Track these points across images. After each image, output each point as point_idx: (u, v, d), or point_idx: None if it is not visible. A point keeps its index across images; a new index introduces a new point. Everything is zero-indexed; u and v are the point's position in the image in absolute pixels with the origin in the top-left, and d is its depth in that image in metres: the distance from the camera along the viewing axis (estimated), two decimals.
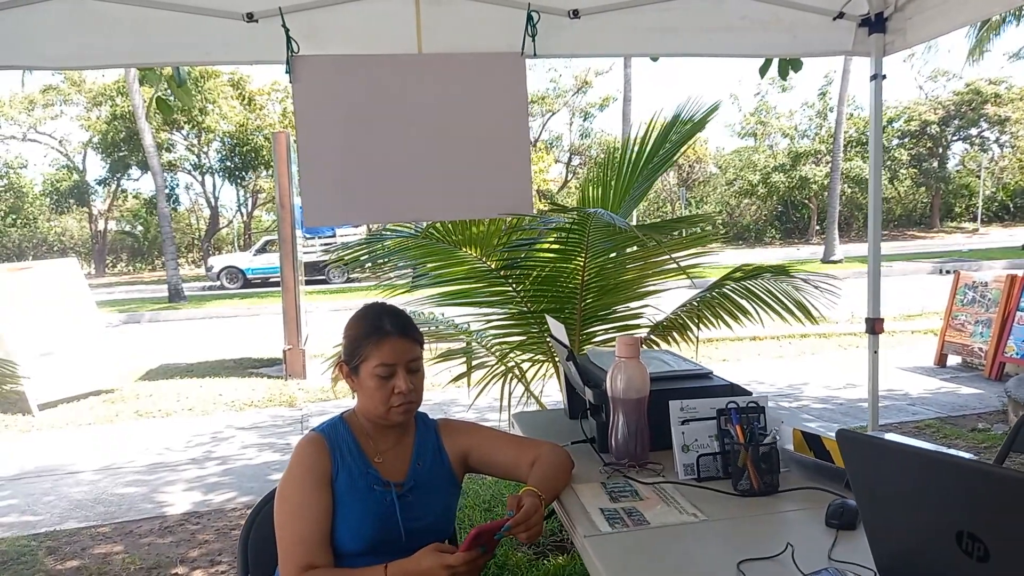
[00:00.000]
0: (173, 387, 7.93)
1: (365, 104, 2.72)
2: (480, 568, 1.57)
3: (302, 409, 6.89)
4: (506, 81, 2.81)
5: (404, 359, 1.67)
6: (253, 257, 23.75)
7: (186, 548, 3.77)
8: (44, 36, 2.60)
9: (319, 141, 2.71)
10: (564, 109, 32.83)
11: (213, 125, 28.02)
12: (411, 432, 1.80)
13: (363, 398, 1.70)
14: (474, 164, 2.76)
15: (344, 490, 1.65)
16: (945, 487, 1.08)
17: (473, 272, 3.36)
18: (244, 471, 5.07)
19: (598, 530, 1.52)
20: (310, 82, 2.69)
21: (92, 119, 29.28)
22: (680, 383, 2.07)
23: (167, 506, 4.45)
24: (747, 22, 2.91)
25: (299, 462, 1.67)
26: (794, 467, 1.84)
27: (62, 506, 4.53)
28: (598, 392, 2.03)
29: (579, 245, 2.97)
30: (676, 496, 1.69)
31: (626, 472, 1.85)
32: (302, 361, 8.18)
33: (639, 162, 3.28)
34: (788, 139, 34.19)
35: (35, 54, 2.66)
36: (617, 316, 3.38)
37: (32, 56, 2.67)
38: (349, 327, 1.74)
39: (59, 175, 32.69)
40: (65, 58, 2.72)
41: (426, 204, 2.77)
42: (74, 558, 3.70)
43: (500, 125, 2.80)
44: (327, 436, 1.71)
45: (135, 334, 12.88)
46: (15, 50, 2.62)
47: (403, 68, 2.75)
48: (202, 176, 31.55)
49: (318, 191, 2.71)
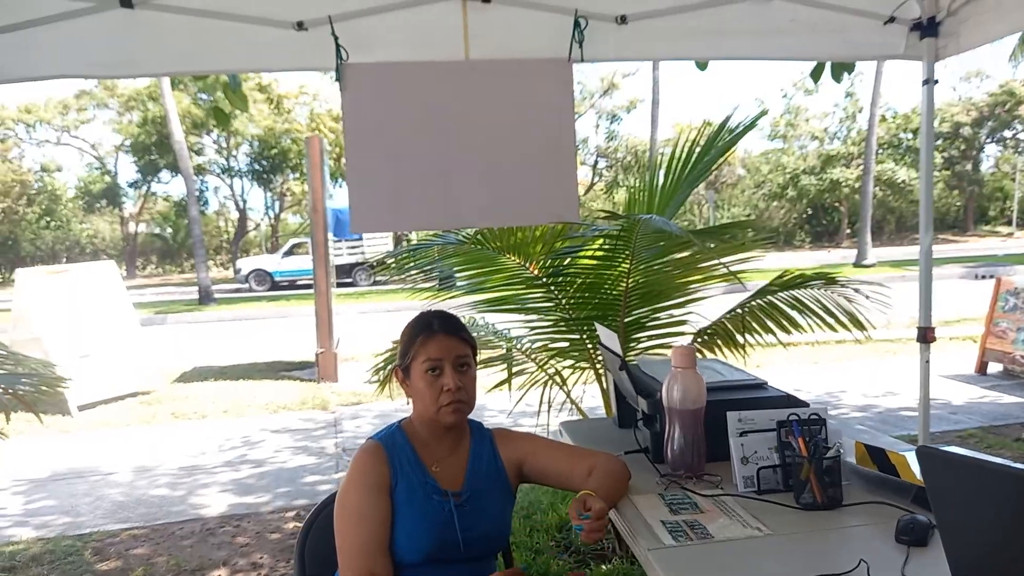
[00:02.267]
0: (208, 389, 8.02)
1: (412, 111, 2.73)
2: None
3: (335, 412, 6.93)
4: (553, 87, 2.81)
5: (451, 355, 1.68)
6: (281, 260, 23.99)
7: (227, 551, 3.81)
8: (96, 45, 2.64)
9: (367, 147, 2.72)
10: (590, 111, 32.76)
11: (241, 129, 28.35)
12: (466, 440, 1.80)
13: (416, 401, 1.72)
14: (520, 171, 2.76)
15: (403, 499, 1.66)
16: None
17: (514, 278, 3.36)
18: (279, 474, 5.11)
19: (662, 543, 1.50)
20: (358, 89, 2.70)
21: (124, 123, 29.79)
22: (736, 393, 2.05)
23: (205, 508, 4.49)
24: (796, 25, 2.88)
25: (358, 470, 1.68)
26: (855, 480, 1.81)
27: (103, 507, 4.59)
28: (652, 402, 2.02)
29: (624, 251, 2.95)
30: (737, 509, 1.66)
31: (683, 484, 1.83)
32: (334, 364, 8.23)
33: (685, 167, 3.25)
34: (818, 141, 33.81)
35: (88, 63, 2.69)
36: (661, 323, 3.36)
37: (85, 65, 2.71)
38: (402, 332, 1.77)
39: (92, 178, 33.31)
40: (116, 66, 2.76)
41: (472, 211, 2.77)
42: (119, 559, 3.75)
43: (546, 131, 2.79)
44: (385, 445, 1.72)
45: (167, 336, 13.05)
46: (68, 59, 2.66)
47: (450, 75, 2.76)
48: (231, 179, 31.97)
49: (366, 197, 2.73)
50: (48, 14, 2.48)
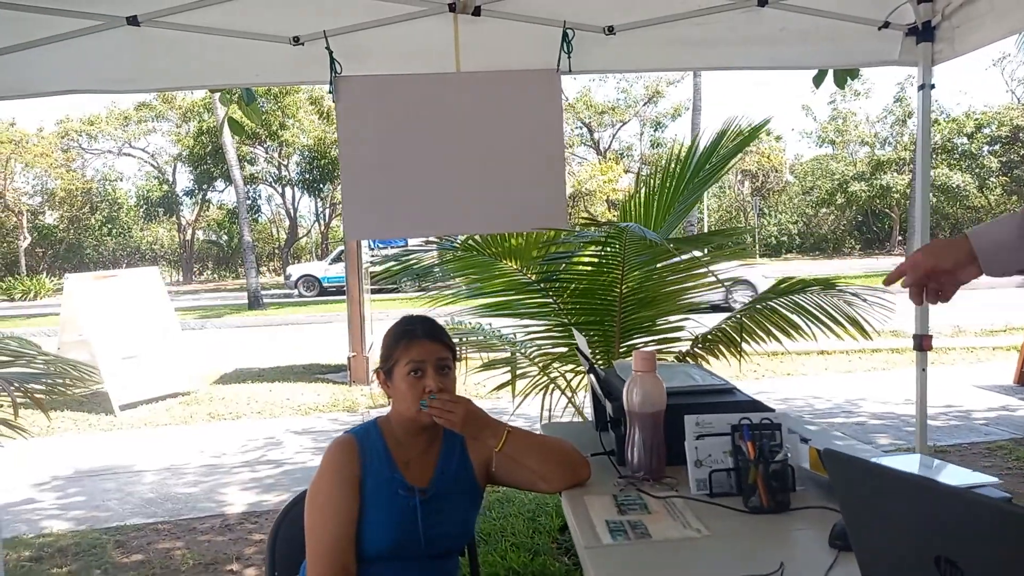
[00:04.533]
0: (244, 391, 8.27)
1: (405, 121, 2.82)
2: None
3: (362, 415, 7.08)
4: (542, 97, 2.86)
5: (432, 358, 1.75)
6: (328, 266, 24.48)
7: (242, 546, 3.95)
8: (104, 61, 2.80)
9: (361, 157, 2.82)
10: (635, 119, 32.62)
11: (292, 139, 29.06)
12: (439, 440, 1.86)
13: (396, 401, 1.79)
14: (510, 178, 2.82)
15: (370, 493, 1.73)
16: (925, 512, 1.06)
17: (513, 284, 3.42)
18: (301, 474, 5.25)
19: (599, 541, 1.53)
20: (352, 101, 2.80)
21: (181, 134, 30.84)
22: (699, 398, 2.06)
23: (227, 505, 4.65)
24: (787, 33, 2.87)
25: (330, 464, 1.76)
26: (811, 486, 1.81)
27: (132, 502, 4.79)
28: (617, 405, 2.04)
29: (616, 258, 2.99)
30: (685, 511, 1.68)
31: (640, 485, 1.86)
32: (366, 367, 8.39)
33: (686, 175, 3.27)
34: (868, 147, 32.95)
35: (98, 79, 2.87)
36: (658, 329, 3.37)
37: (95, 80, 2.88)
38: (384, 336, 1.85)
39: (151, 187, 34.54)
40: (124, 82, 2.92)
41: (463, 218, 2.84)
42: (139, 552, 3.92)
43: (536, 140, 2.85)
44: (359, 439, 1.79)
45: (214, 339, 13.46)
46: (78, 75, 2.83)
47: (442, 86, 2.84)
48: (282, 188, 32.77)
49: (359, 205, 2.82)
50: (60, 32, 2.64)
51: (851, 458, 1.19)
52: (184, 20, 2.71)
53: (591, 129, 32.44)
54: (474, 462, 1.88)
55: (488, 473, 1.89)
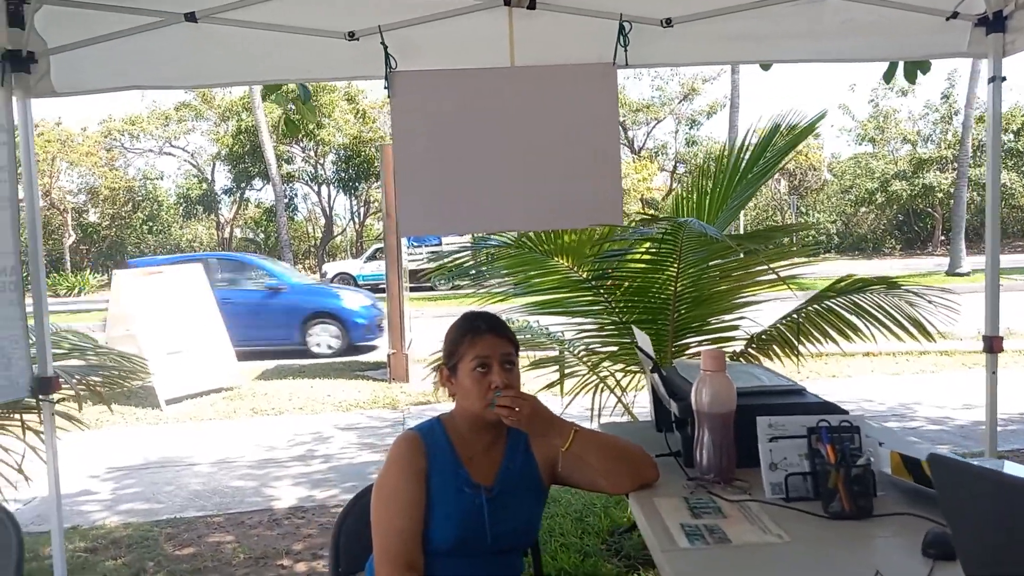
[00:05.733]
0: (286, 387, 8.35)
1: (459, 117, 2.79)
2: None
3: (403, 412, 7.10)
4: (597, 91, 2.82)
5: (497, 353, 1.73)
6: (363, 264, 24.69)
7: (291, 541, 3.97)
8: (163, 58, 2.83)
9: (415, 153, 2.80)
10: (670, 117, 32.30)
11: (328, 138, 29.34)
12: (503, 437, 1.84)
13: (461, 398, 1.77)
14: (565, 174, 2.78)
15: (436, 489, 1.72)
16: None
17: (565, 282, 3.38)
18: (347, 470, 5.28)
19: (676, 545, 1.49)
20: (407, 96, 2.79)
21: (220, 133, 31.32)
22: (769, 399, 2.00)
23: (275, 500, 4.69)
24: (849, 26, 2.78)
25: (397, 458, 1.74)
26: (891, 491, 1.74)
27: (182, 495, 4.86)
28: (683, 405, 2.00)
29: (671, 255, 2.93)
30: (762, 515, 1.63)
31: (710, 488, 1.81)
32: (405, 365, 8.42)
33: (738, 171, 3.20)
34: (910, 144, 32.20)
35: (156, 75, 2.91)
36: (712, 328, 3.31)
37: (153, 77, 2.92)
38: (447, 333, 1.83)
39: (190, 185, 35.15)
40: (182, 78, 2.95)
41: (517, 214, 2.81)
42: (190, 545, 3.97)
43: (591, 135, 2.81)
44: (423, 435, 1.78)
45: None
46: (137, 71, 2.87)
47: (496, 81, 2.81)
48: (318, 187, 33.12)
49: (414, 201, 2.81)
50: (119, 29, 2.67)
51: (964, 464, 1.13)
52: (241, 16, 2.72)
53: (625, 127, 32.20)
54: (539, 460, 1.85)
55: (553, 472, 1.86)
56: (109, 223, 32.72)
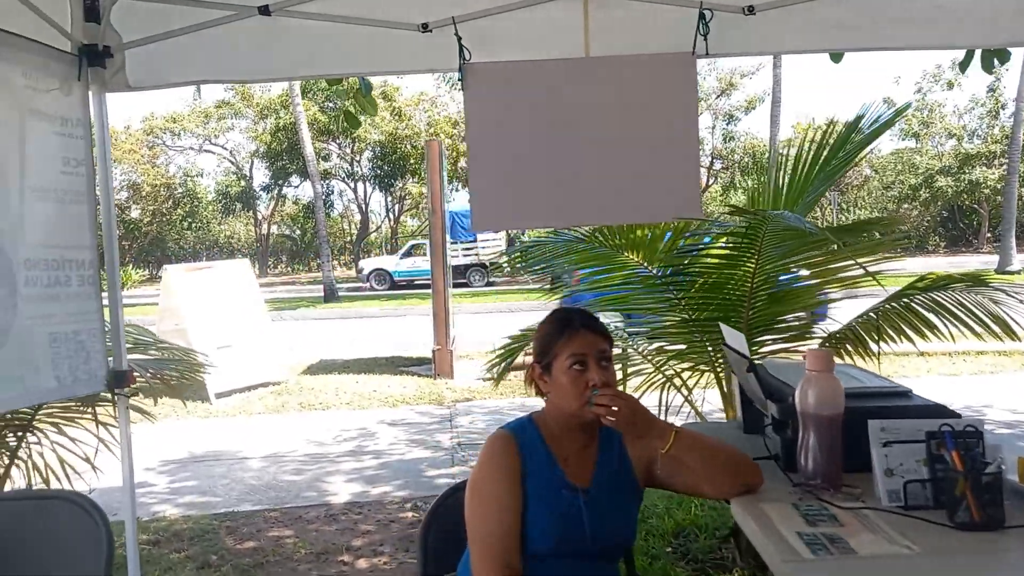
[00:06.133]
0: (332, 382, 8.39)
1: (534, 109, 2.73)
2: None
3: (450, 408, 7.08)
4: (676, 82, 2.73)
5: (594, 350, 1.68)
6: (399, 260, 24.84)
7: (350, 537, 3.96)
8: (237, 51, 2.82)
9: (489, 146, 2.75)
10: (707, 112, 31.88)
11: (364, 135, 29.53)
12: (596, 437, 1.78)
13: (556, 396, 1.71)
14: (642, 167, 2.70)
15: (533, 490, 1.67)
16: None
17: (633, 277, 3.30)
18: (398, 466, 5.27)
19: (799, 556, 1.42)
20: (480, 88, 2.73)
21: (259, 131, 31.70)
22: (877, 401, 1.91)
23: (330, 495, 4.69)
24: (941, 12, 2.66)
25: (491, 458, 1.70)
26: (1015, 500, 1.64)
27: (237, 489, 4.89)
28: (783, 407, 1.92)
29: (750, 250, 2.84)
30: (882, 524, 1.55)
31: (819, 494, 1.73)
32: (450, 361, 8.42)
33: (814, 165, 3.09)
34: (955, 139, 31.37)
35: (230, 68, 2.89)
36: (786, 326, 3.21)
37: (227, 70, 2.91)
38: (539, 329, 1.79)
39: (229, 182, 35.66)
40: (256, 71, 2.93)
41: (593, 208, 2.74)
42: (251, 539, 3.98)
43: (669, 127, 2.72)
44: (516, 435, 1.73)
45: (294, 330, 13.75)
46: (210, 65, 2.86)
47: (571, 72, 2.74)
48: (354, 183, 33.37)
49: (487, 195, 2.76)
50: (193, 23, 2.65)
51: None
52: (314, 9, 2.68)
53: None
54: (634, 461, 1.79)
55: (649, 473, 1.80)
56: (150, 219, 33.32)
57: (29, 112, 2.37)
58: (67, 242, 2.47)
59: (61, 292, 2.40)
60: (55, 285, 2.38)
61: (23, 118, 2.35)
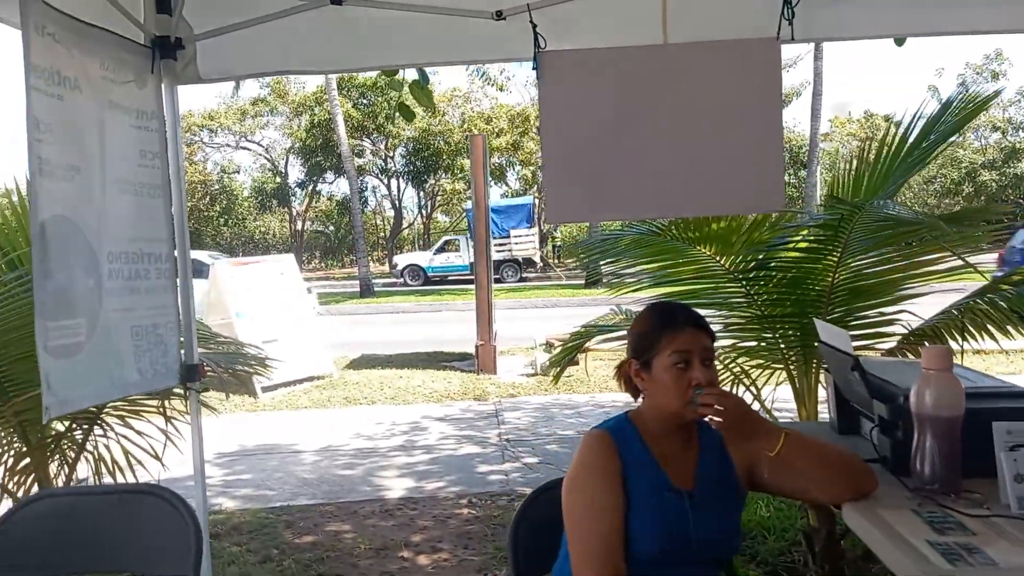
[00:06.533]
0: (376, 376, 8.41)
1: (610, 98, 2.65)
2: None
3: (495, 404, 7.03)
4: (758, 69, 2.63)
5: (698, 348, 1.61)
6: (433, 256, 24.92)
7: (407, 532, 3.93)
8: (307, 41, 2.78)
9: (564, 136, 2.67)
10: None
11: (398, 131, 29.64)
12: (695, 437, 1.71)
13: (656, 395, 1.64)
14: (724, 158, 2.61)
15: (635, 493, 1.60)
16: None
17: (704, 272, 3.21)
18: (449, 461, 5.24)
19: (937, 567, 1.33)
20: (556, 77, 2.66)
21: (294, 128, 31.97)
22: (999, 402, 1.82)
23: (384, 490, 4.68)
24: None
25: (589, 459, 1.63)
26: None
27: (291, 483, 4.89)
28: (894, 407, 1.83)
29: (834, 242, 2.73)
30: (1017, 533, 1.46)
31: (939, 500, 1.64)
32: (493, 357, 8.38)
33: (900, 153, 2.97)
34: (1000, 133, 30.54)
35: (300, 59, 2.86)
36: (867, 323, 3.09)
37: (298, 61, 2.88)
38: (637, 325, 1.71)
39: (264, 179, 36.04)
40: (324, 63, 2.89)
41: (673, 200, 2.66)
42: (309, 533, 3.97)
43: (751, 116, 2.62)
44: (614, 434, 1.66)
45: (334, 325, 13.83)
46: (281, 56, 2.83)
47: (649, 59, 2.66)
48: (387, 179, 33.50)
49: (562, 187, 2.69)
50: (263, 13, 2.62)
51: None
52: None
53: None
54: (736, 463, 1.71)
55: (753, 477, 1.72)
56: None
57: (108, 104, 2.36)
58: (146, 235, 2.46)
59: (141, 285, 2.39)
60: (135, 278, 2.37)
61: (102, 110, 2.33)
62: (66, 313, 2.11)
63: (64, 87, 2.16)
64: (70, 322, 2.12)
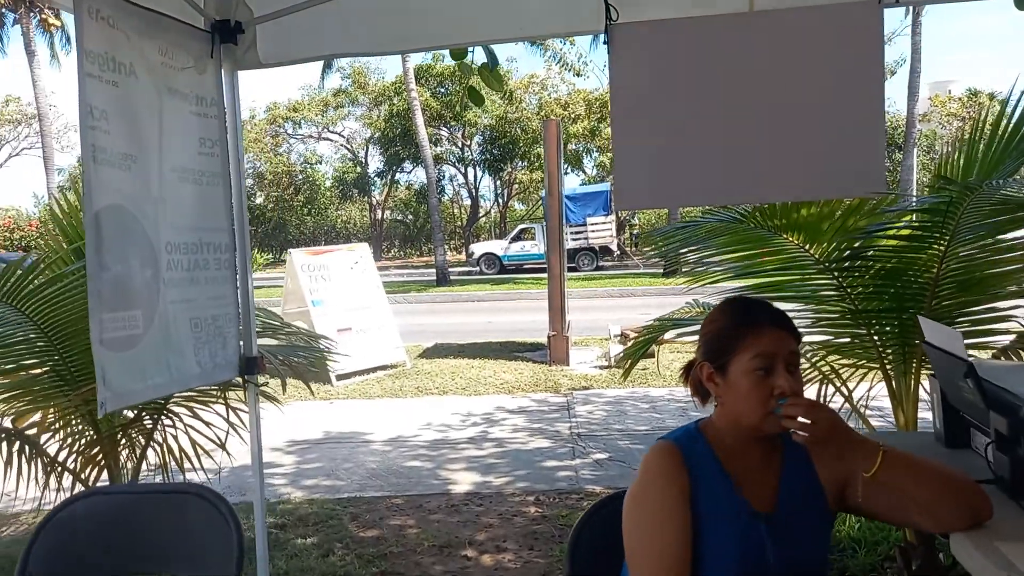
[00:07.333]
0: (448, 366, 8.38)
1: (688, 73, 2.45)
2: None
3: (567, 396, 6.88)
4: (857, 37, 2.37)
5: (784, 351, 1.42)
6: (508, 245, 24.88)
7: (472, 530, 3.83)
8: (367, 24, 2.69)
9: (636, 116, 2.48)
10: None
11: (475, 119, 29.68)
12: (778, 451, 1.51)
13: (732, 403, 1.45)
14: (817, 137, 2.37)
15: (705, 512, 1.43)
16: None
17: (791, 262, 2.95)
18: (518, 455, 5.13)
19: None
20: (628, 52, 2.47)
21: (373, 118, 32.49)
22: None
23: (450, 484, 4.60)
24: None
25: (655, 473, 1.46)
26: None
27: (360, 473, 4.88)
28: (1015, 420, 1.58)
29: (940, 229, 2.44)
30: None
31: None
32: (566, 348, 8.21)
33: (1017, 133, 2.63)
34: None
35: (359, 40, 2.76)
36: (977, 319, 2.78)
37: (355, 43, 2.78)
38: (711, 322, 1.53)
39: (345, 168, 36.80)
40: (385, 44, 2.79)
41: (758, 185, 2.43)
42: (373, 527, 3.92)
43: (848, 89, 2.37)
44: (682, 447, 1.48)
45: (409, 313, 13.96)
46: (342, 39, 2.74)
47: (732, 29, 2.43)
48: (464, 168, 33.65)
49: (633, 171, 2.50)
50: None
51: None
52: None
53: None
54: (825, 482, 1.50)
55: (843, 498, 1.51)
56: (274, 206, 34.88)
57: (166, 91, 2.31)
58: (205, 224, 2.41)
59: (200, 276, 2.35)
60: (195, 269, 2.33)
61: (161, 97, 2.28)
62: (123, 305, 2.08)
63: (119, 73, 2.11)
64: (126, 314, 2.09)
